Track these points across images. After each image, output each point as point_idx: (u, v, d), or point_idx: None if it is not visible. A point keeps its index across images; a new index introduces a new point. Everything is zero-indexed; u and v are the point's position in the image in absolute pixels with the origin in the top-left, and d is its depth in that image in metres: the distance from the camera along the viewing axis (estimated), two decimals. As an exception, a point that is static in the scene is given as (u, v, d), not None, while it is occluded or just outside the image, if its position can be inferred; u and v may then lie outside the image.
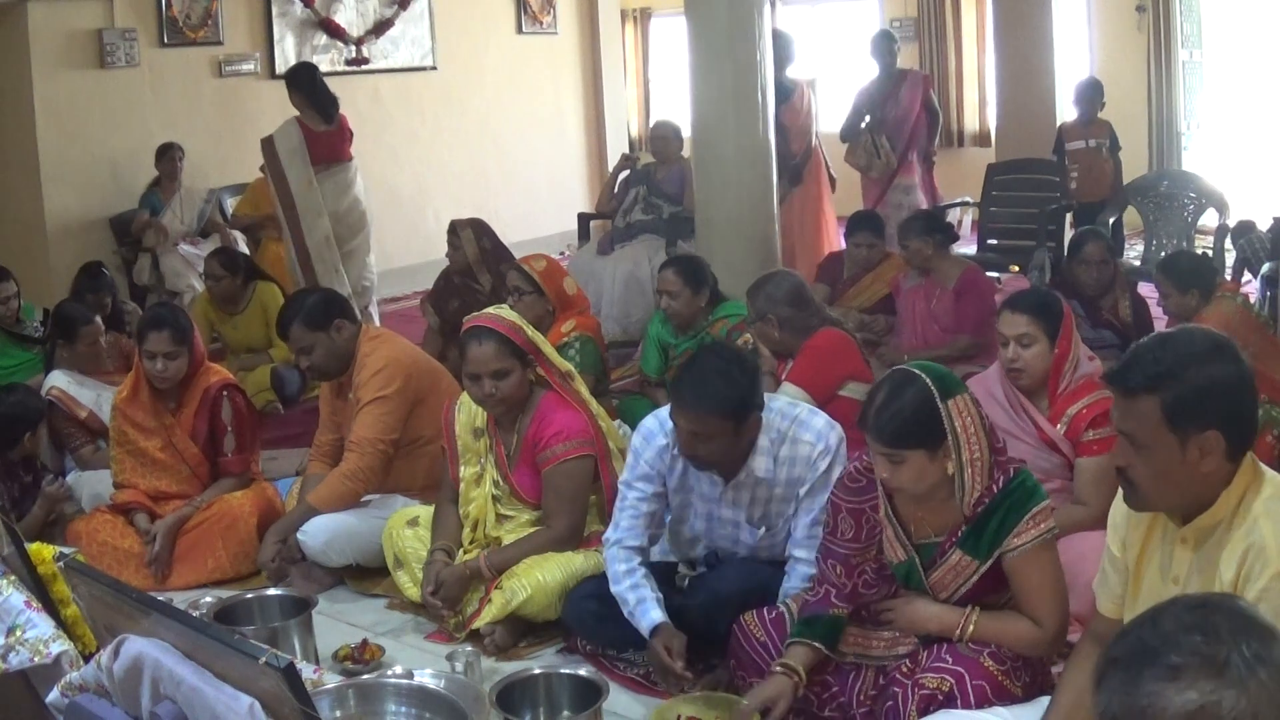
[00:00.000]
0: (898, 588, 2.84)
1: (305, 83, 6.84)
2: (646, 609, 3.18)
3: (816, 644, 2.80)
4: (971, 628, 2.68)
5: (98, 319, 5.22)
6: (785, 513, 3.27)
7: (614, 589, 3.23)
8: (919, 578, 2.76)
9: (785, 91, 7.31)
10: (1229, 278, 6.44)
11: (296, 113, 6.81)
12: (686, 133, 5.98)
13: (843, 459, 3.17)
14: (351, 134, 7.00)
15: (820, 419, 3.26)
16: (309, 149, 6.65)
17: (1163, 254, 7.01)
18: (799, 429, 3.21)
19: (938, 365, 2.78)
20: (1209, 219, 7.19)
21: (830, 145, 7.88)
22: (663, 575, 3.46)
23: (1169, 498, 2.14)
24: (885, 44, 7.89)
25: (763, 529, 3.30)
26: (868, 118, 7.68)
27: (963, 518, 2.67)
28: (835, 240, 7.60)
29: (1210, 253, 6.85)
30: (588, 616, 3.40)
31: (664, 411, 3.30)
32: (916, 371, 2.65)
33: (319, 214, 6.67)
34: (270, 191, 6.84)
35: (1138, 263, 7.26)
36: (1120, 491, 2.28)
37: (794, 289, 4.45)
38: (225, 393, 4.39)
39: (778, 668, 2.77)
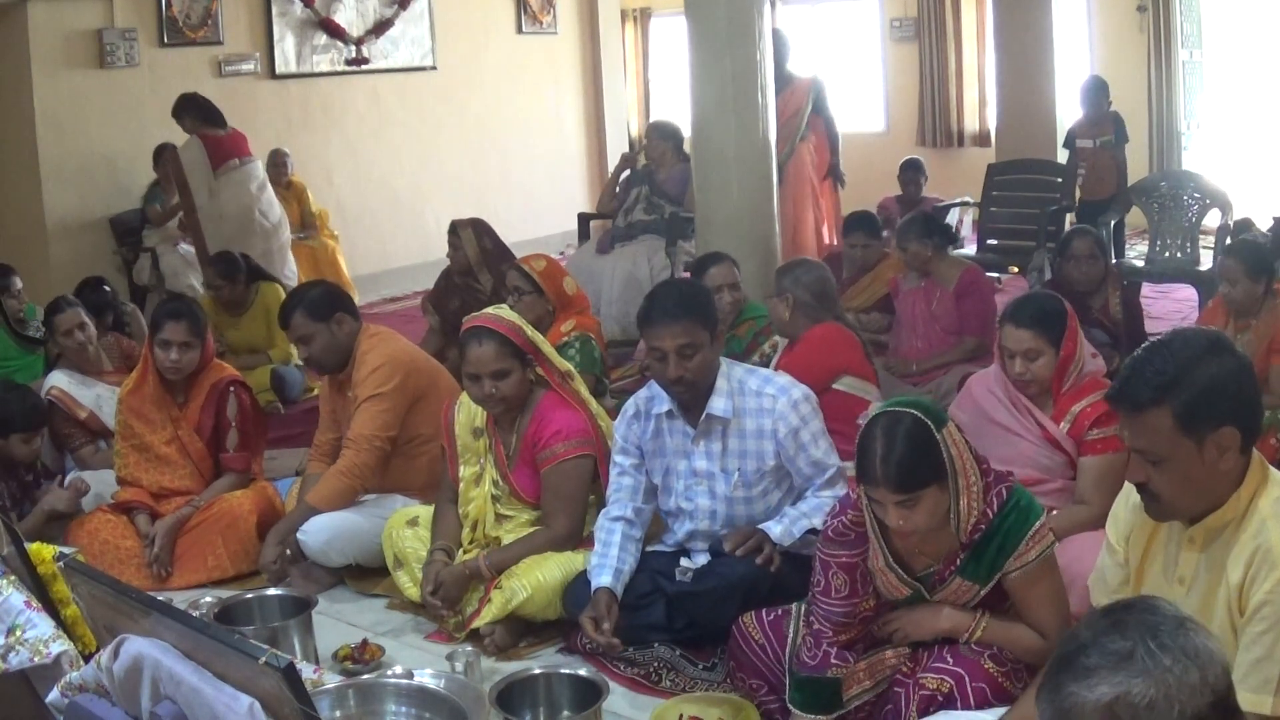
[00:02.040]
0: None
1: (192, 107, 7.18)
2: (601, 570, 3.36)
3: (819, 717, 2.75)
4: (980, 632, 2.68)
5: (79, 308, 5.19)
6: (762, 468, 3.40)
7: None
8: (923, 599, 2.75)
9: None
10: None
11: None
12: (686, 133, 5.97)
13: (814, 410, 3.39)
14: (244, 135, 7.36)
15: (781, 377, 3.48)
16: (211, 154, 7.05)
17: (1166, 254, 7.02)
18: (760, 381, 3.42)
19: (919, 398, 2.80)
20: (1213, 219, 7.17)
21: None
22: (665, 566, 3.48)
23: (1195, 503, 2.13)
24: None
25: (736, 475, 3.40)
26: None
27: (959, 545, 2.64)
28: (821, 241, 7.55)
29: (1211, 253, 6.84)
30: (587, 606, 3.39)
31: (638, 392, 3.58)
32: (902, 409, 2.59)
33: (219, 219, 7.05)
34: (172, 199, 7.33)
35: (1140, 263, 7.25)
36: (1125, 486, 2.28)
37: (820, 280, 4.48)
38: (232, 389, 4.41)
39: None
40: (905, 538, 2.65)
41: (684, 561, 3.51)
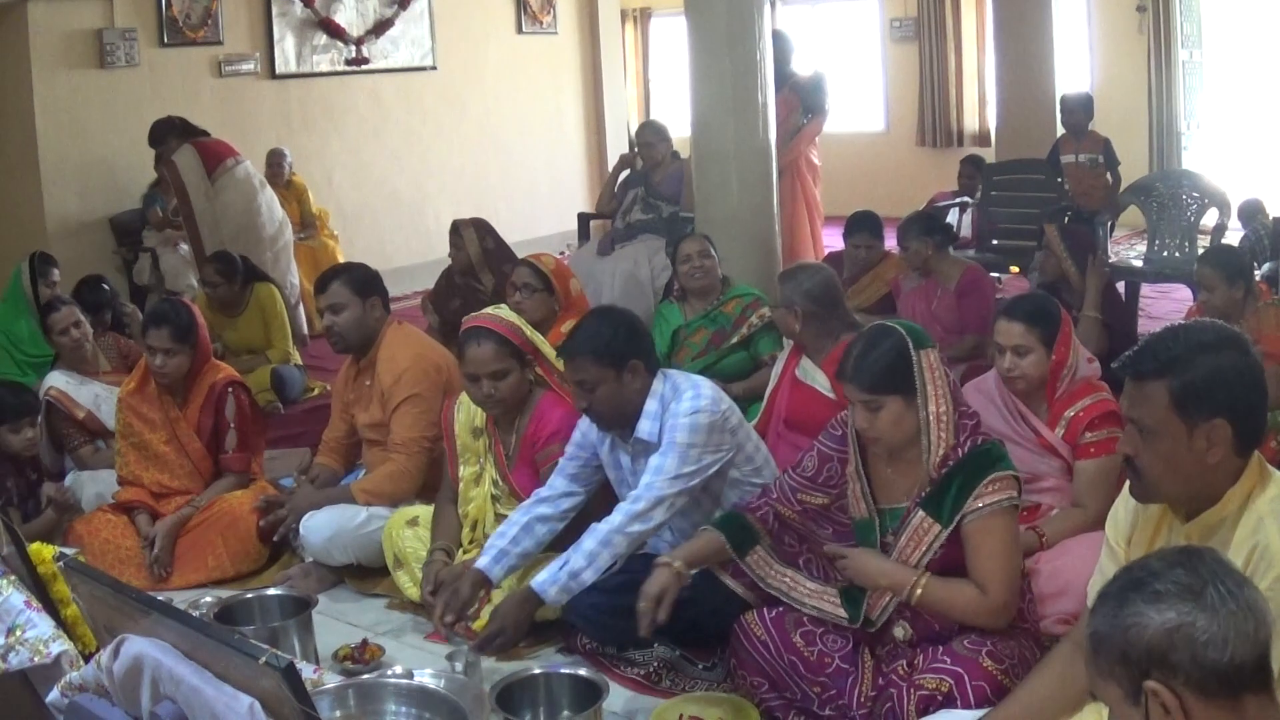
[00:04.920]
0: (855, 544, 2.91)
1: (170, 128, 7.10)
2: (488, 550, 3.37)
3: (720, 534, 2.98)
4: (920, 590, 2.71)
5: (74, 307, 5.20)
6: None
7: None
8: (875, 541, 2.84)
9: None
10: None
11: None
12: (685, 132, 5.97)
13: (697, 433, 3.21)
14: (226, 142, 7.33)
15: (707, 389, 3.32)
16: (205, 158, 6.96)
17: (1165, 254, 7.01)
18: (685, 393, 3.30)
19: (912, 322, 2.94)
20: (1211, 218, 7.17)
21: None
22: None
23: (1175, 488, 2.14)
24: None
25: None
26: None
27: (928, 479, 2.74)
28: (816, 240, 7.55)
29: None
30: (588, 610, 3.38)
31: None
32: (891, 325, 2.82)
33: (219, 222, 6.98)
34: (172, 203, 7.25)
35: (1139, 263, 7.24)
36: (1125, 488, 2.28)
37: (822, 285, 4.33)
38: (230, 390, 4.41)
39: (659, 562, 2.93)
40: (874, 445, 2.81)
41: None
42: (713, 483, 3.33)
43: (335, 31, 9.21)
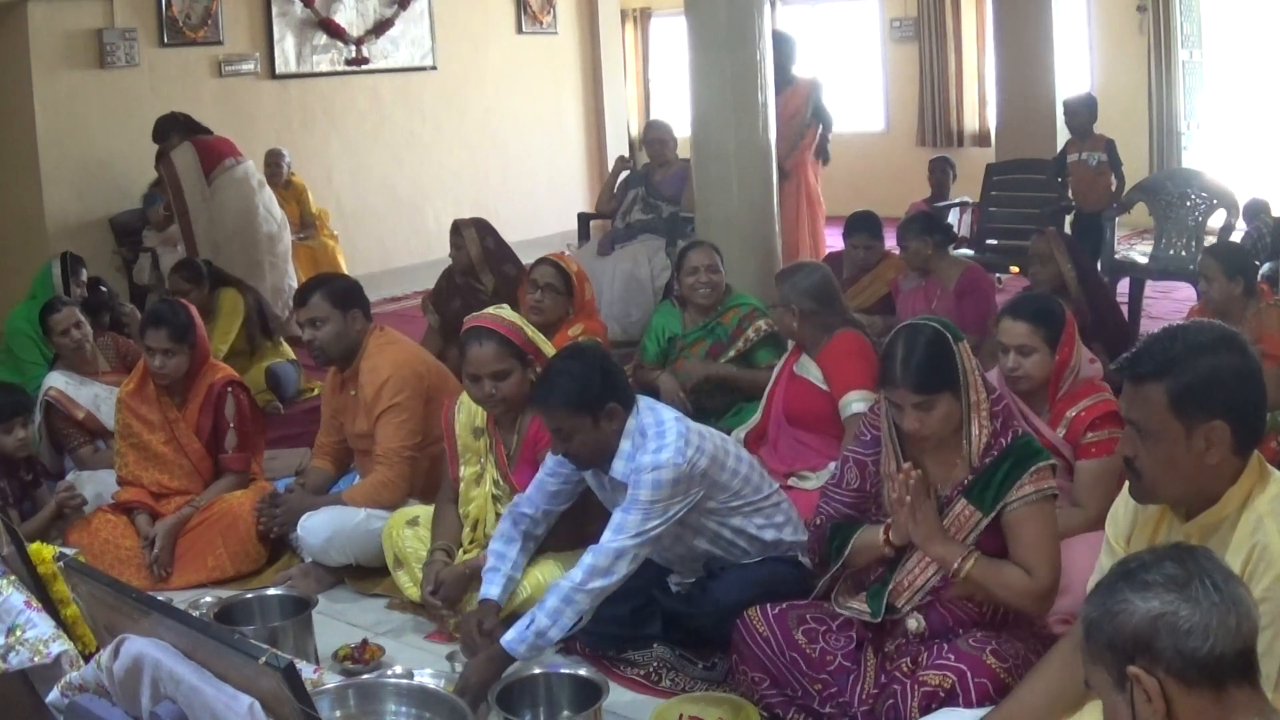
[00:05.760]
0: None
1: (175, 124, 7.13)
2: (492, 579, 3.37)
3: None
4: (970, 564, 2.70)
5: (75, 308, 5.19)
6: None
7: (490, 545, 3.47)
8: None
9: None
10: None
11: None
12: (685, 132, 5.97)
13: (660, 489, 3.11)
14: (229, 140, 7.34)
15: (672, 437, 3.17)
16: (203, 156, 6.96)
17: (1171, 252, 7.01)
18: (650, 442, 3.18)
19: (939, 316, 2.93)
20: (1218, 219, 7.17)
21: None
22: (657, 574, 3.47)
23: (1174, 488, 2.15)
24: None
25: None
26: None
27: (970, 469, 2.76)
28: (818, 240, 7.56)
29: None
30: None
31: None
32: (923, 322, 2.80)
33: (215, 222, 6.98)
34: (168, 200, 7.26)
35: (1144, 260, 7.24)
36: (1125, 488, 2.28)
37: (820, 283, 4.33)
38: (230, 389, 4.42)
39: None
40: (920, 443, 2.79)
41: (673, 578, 3.51)
42: (687, 516, 3.24)
43: (335, 31, 9.21)
